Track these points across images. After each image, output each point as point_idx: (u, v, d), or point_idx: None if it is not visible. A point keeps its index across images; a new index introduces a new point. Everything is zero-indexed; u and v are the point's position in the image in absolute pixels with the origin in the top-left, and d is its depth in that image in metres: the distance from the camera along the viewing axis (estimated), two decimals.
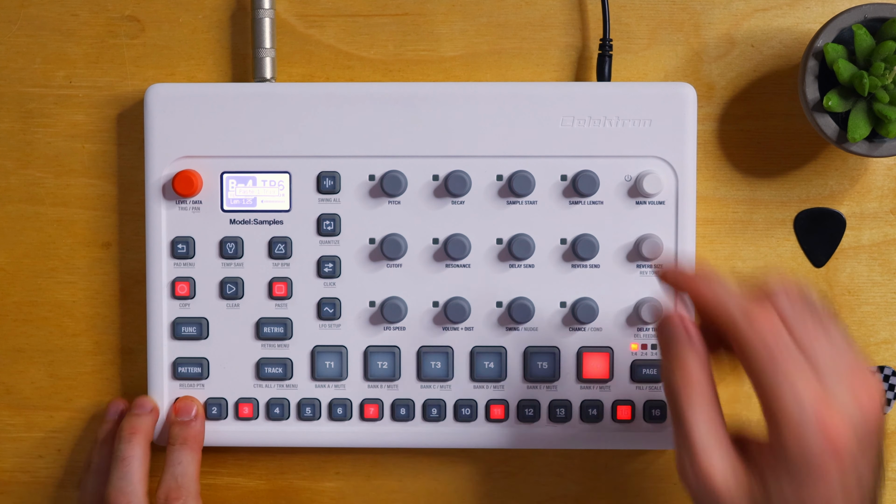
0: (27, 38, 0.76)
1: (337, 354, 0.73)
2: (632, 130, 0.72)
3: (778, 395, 0.57)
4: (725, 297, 0.60)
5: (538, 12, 0.75)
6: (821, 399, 0.57)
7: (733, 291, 0.60)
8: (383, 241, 0.72)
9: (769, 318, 0.59)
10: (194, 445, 0.73)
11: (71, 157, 0.76)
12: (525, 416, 0.73)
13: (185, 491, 0.71)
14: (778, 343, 0.58)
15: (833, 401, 0.57)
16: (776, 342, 0.58)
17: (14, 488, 0.78)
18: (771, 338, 0.58)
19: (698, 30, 0.75)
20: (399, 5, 0.76)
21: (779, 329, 0.59)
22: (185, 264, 0.73)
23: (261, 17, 0.74)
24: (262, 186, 0.73)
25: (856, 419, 0.58)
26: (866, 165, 0.75)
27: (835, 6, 0.75)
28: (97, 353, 0.77)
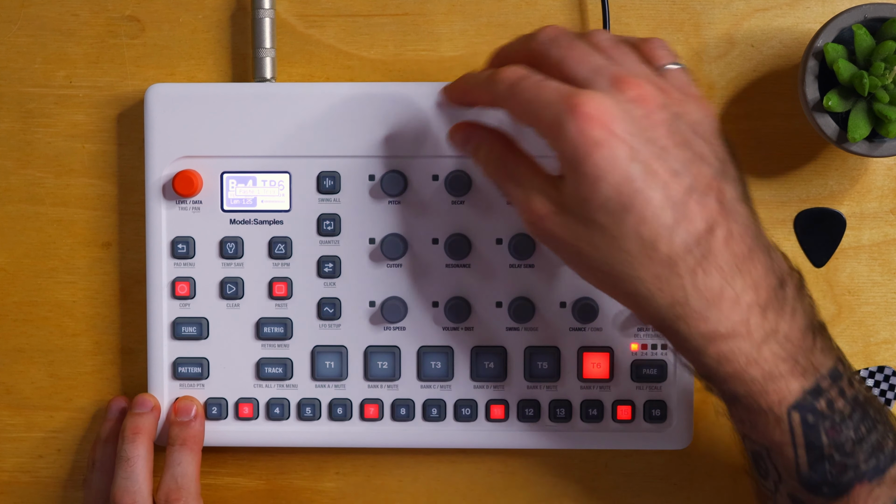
0: (27, 37, 0.76)
1: (337, 354, 0.73)
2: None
3: (533, 114, 0.60)
4: (474, 77, 0.65)
5: (538, 12, 0.75)
6: (566, 91, 0.59)
7: (479, 73, 0.65)
8: (383, 241, 0.72)
9: (507, 69, 0.62)
10: (194, 446, 0.73)
11: (71, 157, 0.76)
12: (525, 416, 0.73)
13: (185, 491, 0.71)
14: (517, 78, 0.61)
15: (585, 91, 0.58)
16: (515, 79, 0.61)
17: (14, 488, 0.78)
18: (509, 79, 0.61)
19: (698, 30, 0.75)
20: (399, 5, 0.76)
21: (518, 71, 0.61)
22: (186, 264, 0.73)
23: (261, 17, 0.74)
24: (262, 186, 0.73)
25: (623, 103, 0.58)
26: (866, 165, 0.75)
27: (835, 6, 0.75)
28: (97, 353, 0.77)
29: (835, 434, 0.59)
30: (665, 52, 0.63)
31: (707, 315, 0.58)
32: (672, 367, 0.73)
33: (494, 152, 0.65)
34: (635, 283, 0.59)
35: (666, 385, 0.73)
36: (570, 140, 0.58)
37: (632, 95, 0.58)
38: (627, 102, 0.58)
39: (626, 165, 0.57)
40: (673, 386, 0.73)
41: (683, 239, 0.57)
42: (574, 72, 0.60)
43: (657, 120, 0.58)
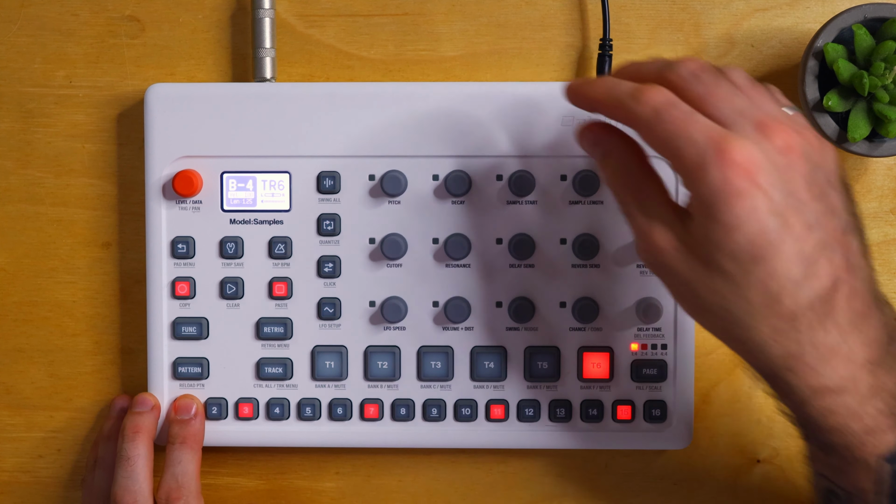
0: (27, 37, 0.76)
1: (337, 354, 0.74)
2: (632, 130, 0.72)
3: (676, 147, 0.58)
4: (615, 87, 0.61)
5: (538, 12, 0.75)
6: (717, 133, 0.57)
7: (623, 82, 0.61)
8: (383, 241, 0.72)
9: (655, 90, 0.59)
10: (194, 444, 0.73)
11: (71, 157, 0.76)
12: (525, 416, 0.73)
13: (185, 490, 0.71)
14: (665, 105, 0.58)
15: (734, 135, 0.57)
16: (663, 105, 0.58)
17: (14, 488, 0.78)
18: (657, 103, 0.58)
19: (698, 30, 0.75)
20: (399, 5, 0.76)
21: (666, 95, 0.59)
22: (185, 264, 0.73)
23: (261, 16, 0.74)
24: (262, 186, 0.73)
25: (769, 151, 0.57)
26: (866, 165, 0.75)
27: (835, 6, 0.75)
28: (97, 353, 0.77)
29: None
30: (782, 97, 0.63)
31: (819, 370, 0.58)
32: (672, 367, 0.73)
33: (625, 167, 0.62)
34: (751, 331, 0.59)
35: (666, 385, 0.73)
36: (711, 185, 0.56)
37: (778, 144, 0.57)
38: (773, 151, 0.57)
39: (765, 218, 0.56)
40: (673, 386, 0.73)
41: (808, 295, 0.57)
42: (718, 111, 0.59)
43: (798, 171, 0.58)
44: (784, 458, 0.76)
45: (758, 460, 0.76)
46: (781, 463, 0.76)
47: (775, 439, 0.76)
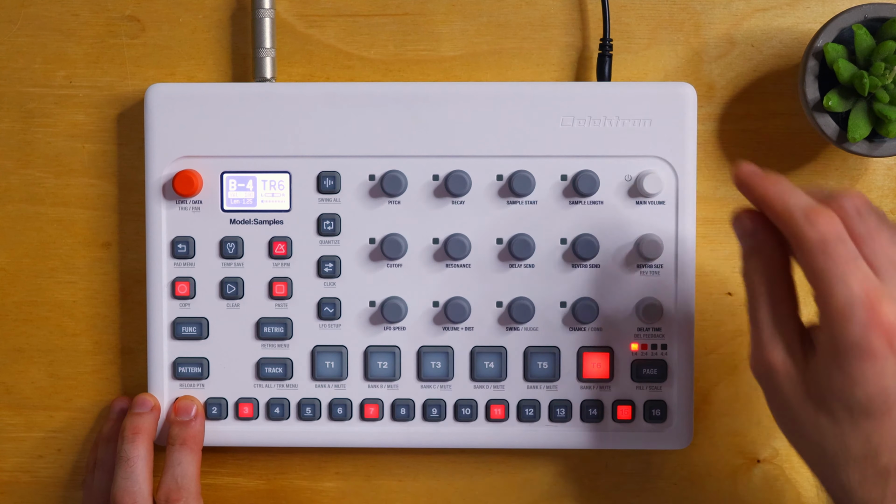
0: (27, 37, 0.76)
1: (337, 354, 0.74)
2: (632, 130, 0.72)
3: (829, 285, 0.58)
4: (789, 197, 0.60)
5: (538, 12, 0.75)
6: (872, 287, 0.57)
7: (799, 193, 0.60)
8: (383, 241, 0.72)
9: (829, 217, 0.59)
10: (194, 445, 0.73)
11: (71, 157, 0.76)
12: (525, 416, 0.73)
13: (185, 491, 0.71)
14: (834, 238, 0.58)
15: (886, 291, 0.57)
16: (832, 237, 0.58)
17: (14, 488, 0.78)
18: (827, 233, 0.58)
19: (698, 30, 0.75)
20: (399, 5, 0.76)
21: (838, 227, 0.59)
22: (186, 264, 0.73)
23: (261, 16, 0.74)
24: (262, 186, 0.73)
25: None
26: (866, 165, 0.75)
27: (835, 6, 0.75)
28: (97, 353, 0.77)
29: None
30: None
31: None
32: (672, 367, 0.73)
33: (769, 271, 0.62)
34: (840, 473, 0.60)
35: (666, 385, 0.73)
36: (850, 336, 0.57)
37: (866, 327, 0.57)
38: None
39: (890, 383, 0.57)
40: (673, 386, 0.73)
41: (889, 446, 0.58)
42: (875, 258, 0.59)
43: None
44: (784, 458, 0.76)
45: (758, 460, 0.76)
46: (781, 463, 0.76)
47: (775, 439, 0.76)
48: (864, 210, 0.60)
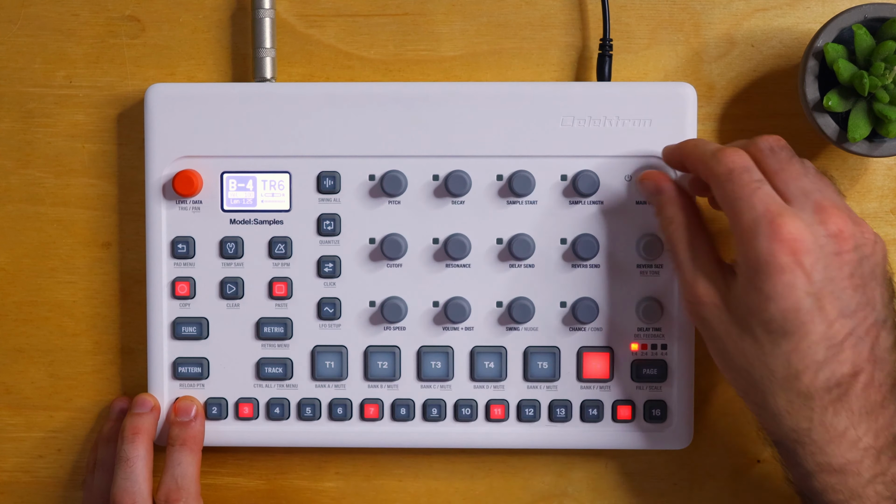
0: (27, 37, 0.76)
1: (337, 354, 0.73)
2: (632, 130, 0.72)
3: (737, 209, 0.62)
4: (701, 145, 0.66)
5: (538, 12, 0.75)
6: (776, 206, 0.61)
7: (710, 143, 0.66)
8: (383, 241, 0.72)
9: (735, 152, 0.64)
10: (194, 446, 0.73)
11: (71, 157, 0.76)
12: (525, 416, 0.73)
13: (185, 492, 0.71)
14: (740, 168, 0.63)
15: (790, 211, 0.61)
16: (738, 167, 0.63)
17: (14, 488, 0.78)
18: (734, 164, 0.63)
19: (698, 30, 0.75)
20: (399, 5, 0.76)
21: (744, 159, 0.63)
22: (186, 264, 0.73)
23: (261, 17, 0.74)
24: (262, 186, 0.73)
25: (820, 235, 0.60)
26: (866, 165, 0.75)
27: (835, 6, 0.75)
28: (97, 353, 0.77)
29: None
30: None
31: (825, 449, 0.60)
32: (672, 367, 0.73)
33: (680, 218, 0.67)
34: (768, 399, 0.62)
35: (666, 385, 0.73)
36: (758, 253, 0.60)
37: (832, 229, 0.60)
38: (824, 235, 0.60)
39: (801, 297, 0.59)
40: (673, 386, 0.73)
41: (827, 378, 0.60)
42: (785, 186, 0.62)
43: (845, 260, 0.60)
44: None
45: (758, 460, 0.76)
46: None
47: None
48: (776, 147, 0.64)
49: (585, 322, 0.73)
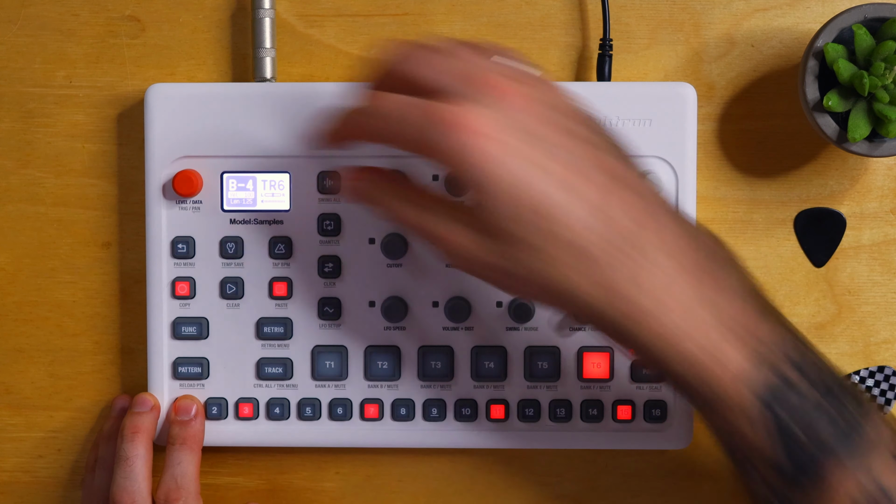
0: (27, 37, 0.76)
1: (337, 354, 0.73)
2: (632, 130, 0.72)
3: (406, 142, 0.58)
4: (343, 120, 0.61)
5: (538, 12, 0.75)
6: (427, 108, 0.57)
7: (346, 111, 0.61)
8: (383, 241, 0.72)
9: (363, 99, 0.59)
10: (194, 445, 0.73)
11: (71, 157, 0.76)
12: (526, 416, 0.73)
13: (184, 491, 0.71)
14: (374, 106, 0.58)
15: (441, 102, 0.56)
16: (373, 107, 0.59)
17: (14, 488, 0.78)
18: (370, 107, 0.59)
19: (698, 30, 0.75)
20: (399, 5, 0.76)
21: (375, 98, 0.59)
22: (186, 264, 0.73)
23: (261, 16, 0.74)
24: (262, 186, 0.73)
25: (487, 102, 0.56)
26: (866, 165, 0.75)
27: (835, 6, 0.75)
28: (97, 353, 0.77)
29: (804, 420, 0.57)
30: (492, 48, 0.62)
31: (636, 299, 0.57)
32: None
33: (393, 201, 0.62)
34: (564, 282, 0.57)
35: (666, 385, 0.73)
36: (446, 156, 0.56)
37: (495, 94, 0.56)
38: (492, 101, 0.56)
39: (507, 161, 0.55)
40: None
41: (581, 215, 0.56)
42: (429, 83, 0.58)
43: (528, 111, 0.57)
44: None
45: None
46: None
47: None
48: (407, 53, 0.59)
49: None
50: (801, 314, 0.76)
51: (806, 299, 0.76)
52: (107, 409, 0.77)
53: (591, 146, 0.58)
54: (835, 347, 0.76)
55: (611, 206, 0.57)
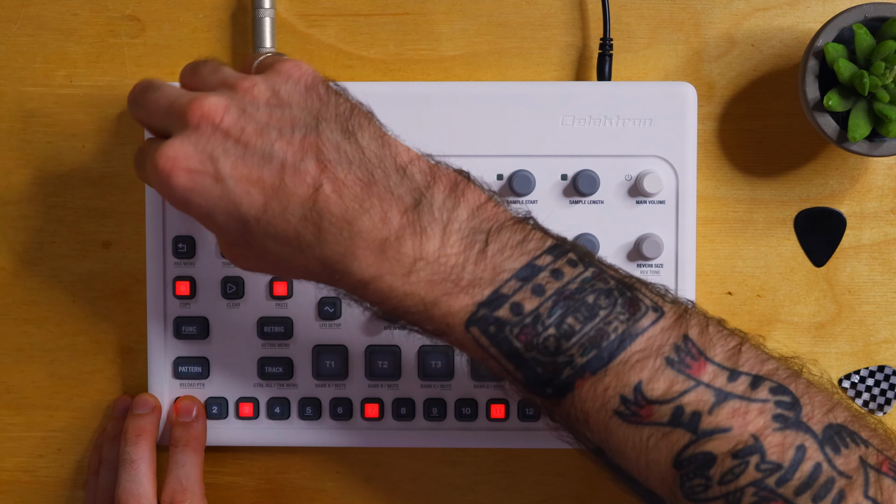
0: (28, 37, 0.76)
1: (338, 354, 0.73)
2: (632, 130, 0.72)
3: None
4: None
5: (538, 12, 0.75)
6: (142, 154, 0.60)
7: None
8: None
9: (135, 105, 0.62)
10: (196, 446, 0.73)
11: (71, 157, 0.76)
12: (526, 416, 0.73)
13: (190, 493, 0.71)
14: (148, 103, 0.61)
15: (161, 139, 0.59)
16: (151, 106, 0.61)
17: (15, 488, 0.78)
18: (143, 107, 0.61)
19: (698, 29, 0.75)
20: (399, 5, 0.76)
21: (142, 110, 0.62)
22: (186, 263, 0.73)
23: (261, 16, 0.74)
24: None
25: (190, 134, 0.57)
26: (866, 165, 0.75)
27: (835, 6, 0.75)
28: (98, 353, 0.77)
29: (530, 337, 0.56)
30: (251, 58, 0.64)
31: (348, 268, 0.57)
32: None
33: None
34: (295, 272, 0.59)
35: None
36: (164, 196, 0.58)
37: (195, 120, 0.57)
38: (194, 131, 0.57)
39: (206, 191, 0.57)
40: None
41: (295, 216, 0.56)
42: (148, 123, 0.61)
43: (226, 126, 0.57)
44: None
45: None
46: None
47: None
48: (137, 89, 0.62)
49: None
50: (802, 314, 0.76)
51: (806, 299, 0.76)
52: (107, 408, 0.77)
53: (297, 131, 0.57)
54: (835, 347, 0.76)
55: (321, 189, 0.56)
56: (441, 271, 0.56)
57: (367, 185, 0.57)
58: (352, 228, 0.56)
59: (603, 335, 0.56)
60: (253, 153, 0.57)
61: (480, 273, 0.56)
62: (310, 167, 0.57)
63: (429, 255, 0.56)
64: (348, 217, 0.56)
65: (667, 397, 0.55)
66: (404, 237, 0.56)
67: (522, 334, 0.56)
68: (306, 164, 0.57)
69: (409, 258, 0.56)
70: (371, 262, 0.56)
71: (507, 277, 0.56)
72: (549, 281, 0.56)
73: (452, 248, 0.56)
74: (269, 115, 0.58)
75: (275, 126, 0.58)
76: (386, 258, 0.56)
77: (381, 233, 0.56)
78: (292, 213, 0.56)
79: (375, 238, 0.56)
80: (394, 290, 0.57)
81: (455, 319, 0.56)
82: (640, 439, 0.56)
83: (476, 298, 0.56)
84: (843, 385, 0.76)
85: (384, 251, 0.56)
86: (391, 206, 0.57)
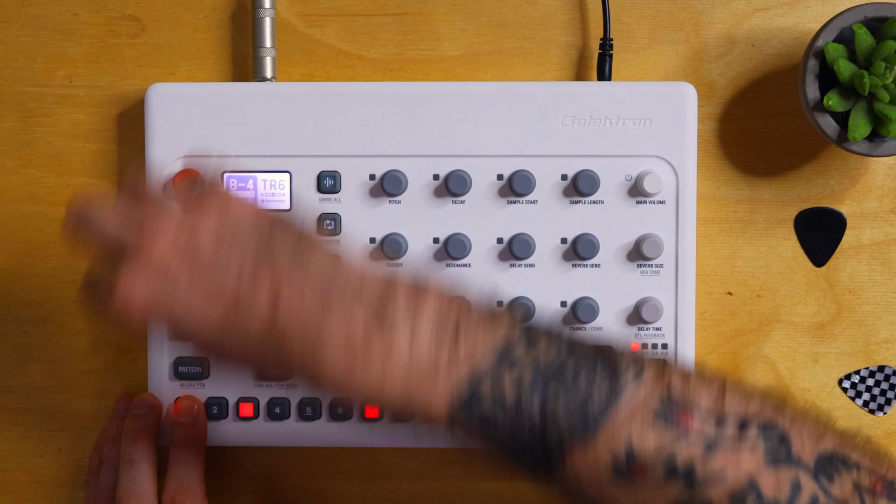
0: (28, 37, 0.76)
1: None
2: (632, 130, 0.72)
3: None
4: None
5: (539, 12, 0.75)
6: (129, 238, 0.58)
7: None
8: (384, 241, 0.72)
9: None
10: (197, 446, 0.73)
11: (71, 157, 0.76)
12: None
13: (191, 493, 0.71)
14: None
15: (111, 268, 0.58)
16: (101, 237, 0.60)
17: (15, 488, 0.78)
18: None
19: (699, 29, 0.75)
20: (399, 5, 0.76)
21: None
22: None
23: (261, 16, 0.74)
24: (263, 186, 0.73)
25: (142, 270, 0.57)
26: (867, 165, 0.75)
27: (835, 6, 0.75)
28: (97, 353, 0.77)
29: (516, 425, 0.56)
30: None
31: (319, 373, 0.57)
32: None
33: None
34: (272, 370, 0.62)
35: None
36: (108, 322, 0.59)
37: (148, 259, 0.57)
38: (145, 267, 0.57)
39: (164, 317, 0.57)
40: None
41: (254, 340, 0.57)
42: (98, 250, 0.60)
43: (179, 264, 0.57)
44: None
45: None
46: None
47: None
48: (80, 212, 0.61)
49: (585, 321, 0.73)
50: (802, 314, 0.76)
51: (806, 299, 0.76)
52: (107, 409, 0.77)
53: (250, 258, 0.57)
54: (835, 347, 0.76)
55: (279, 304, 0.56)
56: (415, 364, 0.56)
57: (325, 295, 0.56)
58: (317, 336, 0.56)
59: (588, 403, 0.55)
60: (206, 287, 0.57)
61: (455, 364, 0.56)
62: (264, 292, 0.57)
63: (401, 348, 0.56)
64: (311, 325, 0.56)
65: (658, 454, 0.55)
66: (371, 333, 0.56)
67: (508, 424, 0.56)
68: (261, 290, 0.57)
69: (378, 354, 0.56)
70: (341, 361, 0.56)
71: (484, 366, 0.56)
72: (525, 361, 0.56)
73: (424, 342, 0.56)
74: (218, 250, 0.58)
75: (224, 260, 0.57)
76: (355, 358, 0.56)
77: (347, 331, 0.56)
78: (252, 338, 0.57)
79: (342, 337, 0.56)
80: (368, 387, 0.56)
81: (436, 414, 0.57)
82: (637, 498, 0.56)
83: (455, 391, 0.56)
84: (843, 385, 0.76)
85: (352, 349, 0.56)
86: (354, 308, 0.56)
